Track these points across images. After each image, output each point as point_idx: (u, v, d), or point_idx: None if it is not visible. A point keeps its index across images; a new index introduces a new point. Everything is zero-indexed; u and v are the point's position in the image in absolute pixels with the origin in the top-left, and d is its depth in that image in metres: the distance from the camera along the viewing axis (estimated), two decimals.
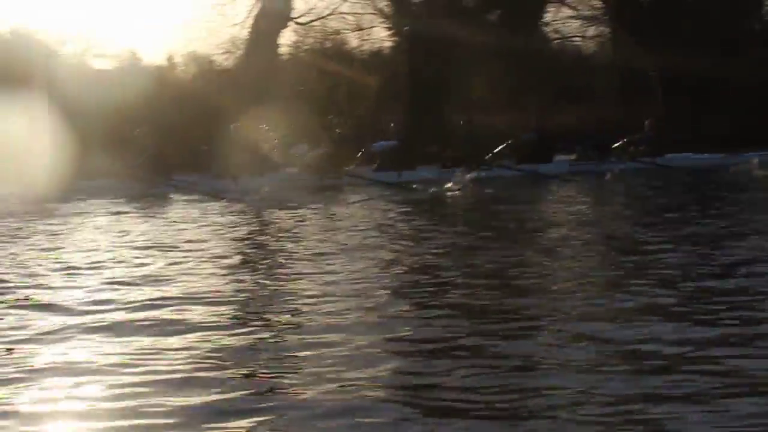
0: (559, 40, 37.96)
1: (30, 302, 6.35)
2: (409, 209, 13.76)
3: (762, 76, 31.65)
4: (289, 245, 9.55)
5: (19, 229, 12.11)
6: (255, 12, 31.85)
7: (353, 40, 36.39)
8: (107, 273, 7.67)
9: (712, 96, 29.80)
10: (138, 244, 9.87)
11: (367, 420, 3.61)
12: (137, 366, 4.52)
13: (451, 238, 9.73)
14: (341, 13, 34.00)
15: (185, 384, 4.18)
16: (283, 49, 34.34)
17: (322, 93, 32.73)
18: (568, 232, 9.82)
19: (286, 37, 34.66)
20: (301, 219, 12.61)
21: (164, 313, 5.82)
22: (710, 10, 32.67)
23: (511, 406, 3.72)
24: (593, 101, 31.64)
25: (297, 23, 33.61)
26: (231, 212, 14.25)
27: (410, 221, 12.03)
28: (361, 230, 10.56)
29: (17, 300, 6.44)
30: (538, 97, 29.97)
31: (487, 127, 23.88)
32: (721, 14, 32.65)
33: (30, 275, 7.64)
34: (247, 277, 7.45)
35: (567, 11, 36.59)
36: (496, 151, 21.31)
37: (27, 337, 5.28)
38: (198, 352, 4.79)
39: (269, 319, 5.67)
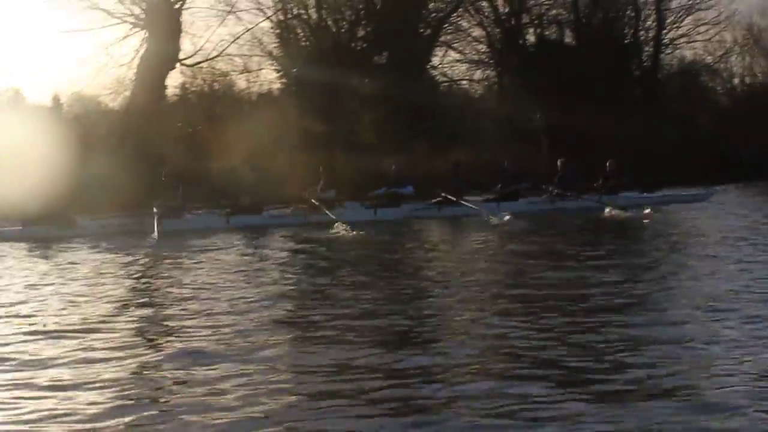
0: (447, 84, 38.56)
1: None
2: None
3: (641, 122, 32.77)
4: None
5: None
6: (142, 52, 31.41)
7: (241, 82, 36.16)
8: None
9: (594, 140, 30.46)
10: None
11: None
12: None
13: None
14: (229, 55, 33.78)
15: None
16: (170, 91, 33.91)
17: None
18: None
19: (174, 78, 34.26)
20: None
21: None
22: (592, 56, 33.66)
23: None
24: (480, 144, 32.16)
25: (184, 64, 33.23)
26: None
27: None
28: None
29: None
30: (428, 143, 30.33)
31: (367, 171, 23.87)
32: (602, 61, 33.65)
33: None
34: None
35: (454, 55, 37.28)
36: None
37: None
38: None
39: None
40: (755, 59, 48.42)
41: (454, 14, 36.06)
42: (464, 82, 38.77)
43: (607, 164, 21.12)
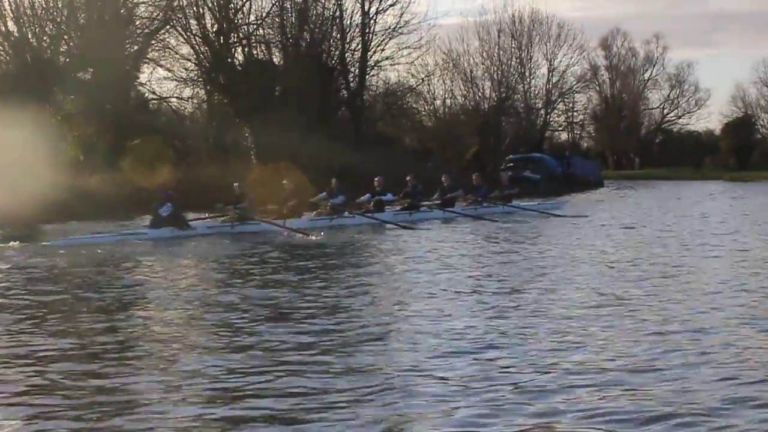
0: (155, 101, 38.00)
1: None
2: None
3: (349, 141, 33.84)
4: None
5: None
6: None
7: None
8: None
9: (303, 159, 31.04)
10: None
11: None
12: None
13: None
14: None
15: None
16: None
17: None
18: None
19: None
20: None
21: None
22: (299, 76, 34.32)
23: None
24: (189, 161, 32.02)
25: None
26: None
27: None
28: None
29: None
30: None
31: None
32: (309, 81, 34.39)
33: None
34: None
35: (162, 72, 36.81)
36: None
37: None
38: None
39: None
40: (455, 82, 51.56)
41: (162, 31, 35.61)
42: (173, 99, 38.39)
43: (473, 177, 23.20)
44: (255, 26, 37.05)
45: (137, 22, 34.93)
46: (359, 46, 39.37)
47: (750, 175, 65.57)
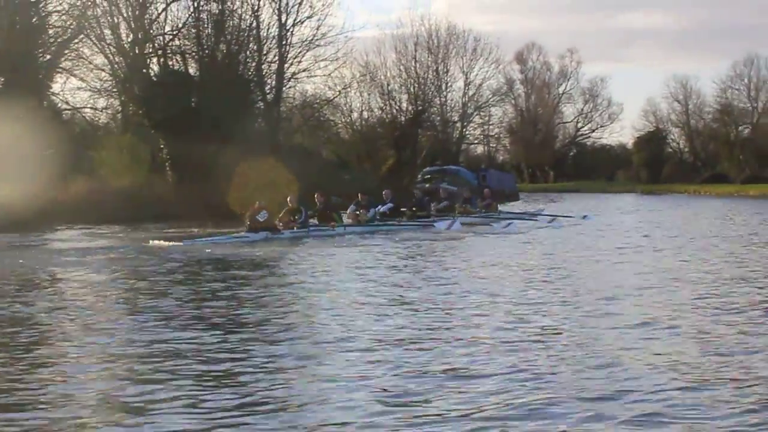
0: (69, 111, 37.49)
1: None
2: None
3: (266, 153, 33.81)
4: None
5: None
6: None
7: None
8: None
9: (219, 170, 30.93)
10: None
11: None
12: None
13: None
14: None
15: None
16: None
17: None
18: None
19: None
20: None
21: None
22: (216, 88, 34.17)
23: None
24: (103, 172, 31.70)
25: None
26: None
27: None
28: None
29: None
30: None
31: None
32: (225, 93, 34.22)
33: None
34: None
35: (76, 82, 36.36)
36: None
37: None
38: None
39: None
40: (372, 95, 51.94)
41: (75, 41, 35.21)
42: (87, 110, 37.94)
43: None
44: (171, 37, 36.79)
45: (50, 31, 34.47)
46: (276, 57, 39.40)
47: (661, 188, 67.41)
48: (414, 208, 23.87)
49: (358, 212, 22.50)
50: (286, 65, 39.81)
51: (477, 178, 46.24)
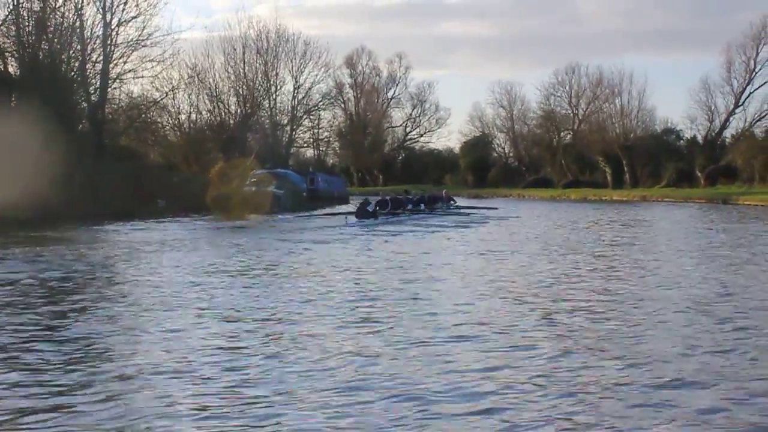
0: None
1: None
2: None
3: (89, 155, 33.15)
4: None
5: None
6: None
7: None
8: None
9: (38, 170, 30.04)
10: None
11: None
12: None
13: None
14: None
15: None
16: None
17: None
18: None
19: None
20: None
21: None
22: (38, 87, 33.17)
23: None
24: None
25: None
26: None
27: None
28: None
29: None
30: None
31: None
32: (47, 92, 33.28)
33: None
34: None
35: None
36: None
37: None
38: None
39: None
40: (200, 97, 51.55)
41: None
42: None
43: None
44: None
45: None
46: (101, 57, 38.64)
47: (487, 191, 69.66)
48: None
49: None
50: (111, 65, 39.15)
51: (305, 181, 46.61)
